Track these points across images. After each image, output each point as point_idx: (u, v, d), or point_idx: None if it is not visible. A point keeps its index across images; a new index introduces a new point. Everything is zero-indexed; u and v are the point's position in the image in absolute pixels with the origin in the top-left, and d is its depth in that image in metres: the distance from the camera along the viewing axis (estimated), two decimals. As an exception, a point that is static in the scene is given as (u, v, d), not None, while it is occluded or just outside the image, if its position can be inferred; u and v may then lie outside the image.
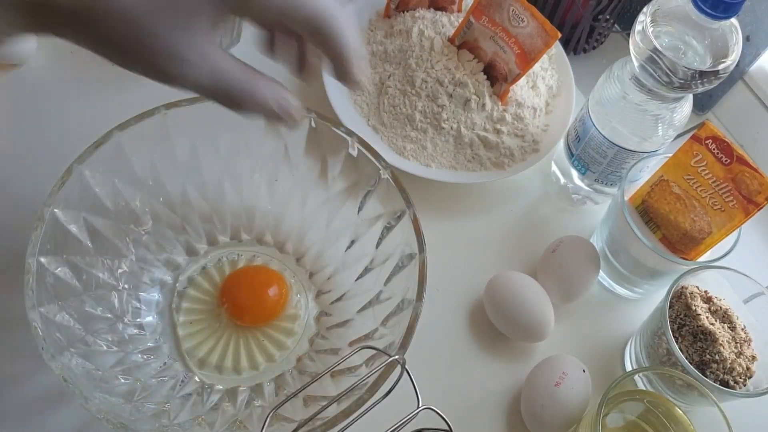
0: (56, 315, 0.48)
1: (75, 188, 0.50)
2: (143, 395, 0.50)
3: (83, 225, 0.52)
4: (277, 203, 0.61)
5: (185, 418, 0.51)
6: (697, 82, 0.53)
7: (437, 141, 0.67)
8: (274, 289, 0.59)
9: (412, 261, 0.52)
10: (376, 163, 0.55)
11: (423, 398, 0.44)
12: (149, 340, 0.55)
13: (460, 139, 0.67)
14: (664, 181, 0.58)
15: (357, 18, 0.74)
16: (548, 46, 0.63)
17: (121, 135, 0.52)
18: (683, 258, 0.59)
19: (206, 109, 0.54)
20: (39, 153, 0.63)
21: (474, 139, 0.67)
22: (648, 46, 0.53)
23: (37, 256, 0.47)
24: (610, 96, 0.60)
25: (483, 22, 0.66)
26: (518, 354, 0.61)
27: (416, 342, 0.49)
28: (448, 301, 0.63)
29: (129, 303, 0.56)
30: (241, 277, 0.60)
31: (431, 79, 0.67)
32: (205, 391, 0.54)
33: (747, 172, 0.54)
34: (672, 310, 0.57)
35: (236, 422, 0.51)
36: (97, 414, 0.43)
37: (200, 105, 0.54)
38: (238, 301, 0.58)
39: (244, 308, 0.58)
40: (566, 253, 0.62)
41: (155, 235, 0.58)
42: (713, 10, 0.51)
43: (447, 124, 0.67)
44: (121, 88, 0.67)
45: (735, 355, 0.56)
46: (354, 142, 0.55)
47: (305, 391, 0.47)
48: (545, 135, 0.70)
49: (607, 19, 0.77)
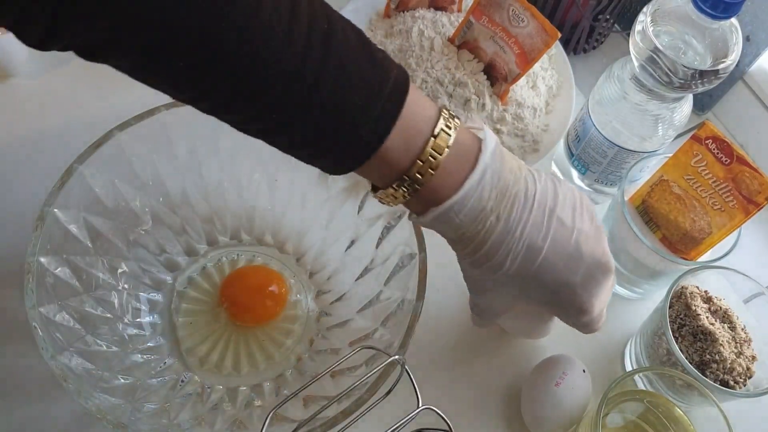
0: (56, 315, 0.48)
1: (75, 188, 0.50)
2: (143, 395, 0.50)
3: (83, 225, 0.52)
4: (277, 203, 0.61)
5: (185, 418, 0.51)
6: (697, 81, 0.53)
7: (437, 141, 0.67)
8: (274, 289, 0.59)
9: (413, 261, 0.52)
10: None
11: (423, 398, 0.44)
12: (149, 340, 0.55)
13: (460, 139, 0.67)
14: (665, 181, 0.58)
15: (356, 18, 0.74)
16: (548, 46, 0.63)
17: (121, 135, 0.52)
18: (683, 258, 0.59)
19: None
20: (39, 153, 0.63)
21: (474, 139, 0.67)
22: (648, 46, 0.53)
23: (37, 256, 0.47)
24: (610, 96, 0.60)
25: (483, 22, 0.66)
26: (518, 354, 0.61)
27: (416, 342, 0.49)
28: (448, 300, 0.63)
29: (129, 303, 0.56)
30: (241, 277, 0.60)
31: (431, 79, 0.67)
32: (205, 391, 0.54)
33: (747, 172, 0.54)
34: (672, 310, 0.57)
35: (236, 422, 0.51)
36: (97, 414, 0.43)
37: None
38: (237, 301, 0.58)
39: (243, 308, 0.58)
40: None
41: (155, 235, 0.58)
42: (713, 10, 0.51)
43: (447, 124, 0.67)
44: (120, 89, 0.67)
45: (735, 355, 0.56)
46: None
47: (305, 391, 0.47)
48: (545, 135, 0.70)
49: (607, 19, 0.77)
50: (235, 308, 0.58)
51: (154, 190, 0.57)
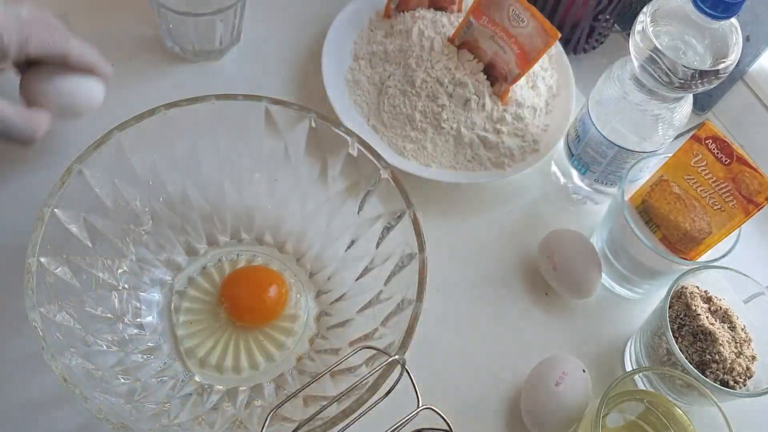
0: (56, 315, 0.48)
1: (75, 188, 0.50)
2: (143, 395, 0.50)
3: (83, 225, 0.52)
4: (277, 203, 0.61)
5: (185, 418, 0.51)
6: (697, 81, 0.53)
7: (437, 141, 0.67)
8: (274, 289, 0.59)
9: (413, 261, 0.52)
10: (376, 162, 0.55)
11: (423, 398, 0.44)
12: (149, 340, 0.55)
13: (460, 139, 0.67)
14: (665, 181, 0.58)
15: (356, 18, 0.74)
16: (548, 46, 0.63)
17: (121, 135, 0.52)
18: (683, 258, 0.59)
19: (206, 109, 0.54)
20: (38, 153, 0.63)
21: (474, 139, 0.67)
22: (648, 46, 0.53)
23: (37, 256, 0.47)
24: (610, 96, 0.60)
25: (483, 22, 0.66)
26: (518, 354, 0.61)
27: (416, 342, 0.49)
28: (448, 300, 0.63)
29: (129, 303, 0.56)
30: (241, 277, 0.60)
31: (431, 79, 0.67)
32: (205, 391, 0.54)
33: (747, 172, 0.54)
34: (672, 310, 0.57)
35: (236, 422, 0.51)
36: (97, 414, 0.43)
37: (200, 105, 0.54)
38: (237, 300, 0.58)
39: (243, 308, 0.58)
40: (565, 252, 0.62)
41: (155, 235, 0.58)
42: (713, 10, 0.51)
43: (447, 124, 0.67)
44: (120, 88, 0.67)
45: (735, 355, 0.56)
46: (354, 141, 0.55)
47: (305, 391, 0.47)
48: (545, 135, 0.70)
49: (607, 19, 0.77)
50: (235, 308, 0.58)
51: (154, 189, 0.57)
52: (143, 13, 0.72)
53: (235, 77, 0.72)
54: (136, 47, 0.71)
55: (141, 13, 0.72)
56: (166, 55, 0.71)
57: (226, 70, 0.72)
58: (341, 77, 0.70)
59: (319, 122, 0.55)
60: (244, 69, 0.72)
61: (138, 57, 0.70)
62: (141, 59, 0.70)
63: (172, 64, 0.71)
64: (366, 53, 0.72)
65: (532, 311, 0.64)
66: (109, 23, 0.72)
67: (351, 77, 0.71)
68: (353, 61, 0.72)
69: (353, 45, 0.73)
